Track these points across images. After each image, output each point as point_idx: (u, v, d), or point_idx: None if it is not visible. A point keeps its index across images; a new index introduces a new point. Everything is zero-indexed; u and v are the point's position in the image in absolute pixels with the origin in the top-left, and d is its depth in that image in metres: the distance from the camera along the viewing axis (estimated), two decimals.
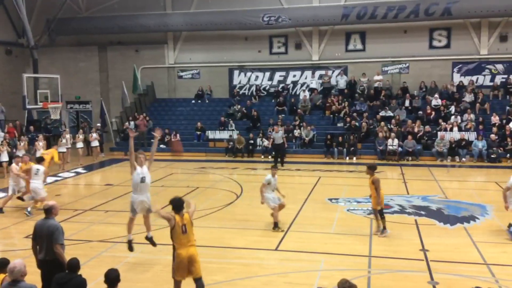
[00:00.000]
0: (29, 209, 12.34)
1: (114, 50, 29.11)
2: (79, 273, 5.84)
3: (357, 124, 22.82)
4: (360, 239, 10.16)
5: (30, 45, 26.02)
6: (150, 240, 9.17)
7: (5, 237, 10.78)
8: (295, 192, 15.27)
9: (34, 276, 6.49)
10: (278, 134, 20.71)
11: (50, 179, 17.57)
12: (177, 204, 7.09)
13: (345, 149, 21.75)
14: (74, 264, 5.84)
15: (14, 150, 19.72)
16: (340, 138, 21.98)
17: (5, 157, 18.33)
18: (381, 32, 25.66)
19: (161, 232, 10.84)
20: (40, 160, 13.19)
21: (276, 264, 8.82)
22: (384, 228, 10.33)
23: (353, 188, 15.44)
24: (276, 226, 10.82)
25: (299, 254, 9.36)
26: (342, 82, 25.87)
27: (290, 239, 10.26)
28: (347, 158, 21.66)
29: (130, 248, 8.99)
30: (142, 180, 8.83)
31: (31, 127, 23.09)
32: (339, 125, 23.78)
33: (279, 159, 19.87)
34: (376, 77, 25.26)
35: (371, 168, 10.53)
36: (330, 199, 13.83)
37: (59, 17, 26.31)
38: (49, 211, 6.79)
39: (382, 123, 22.46)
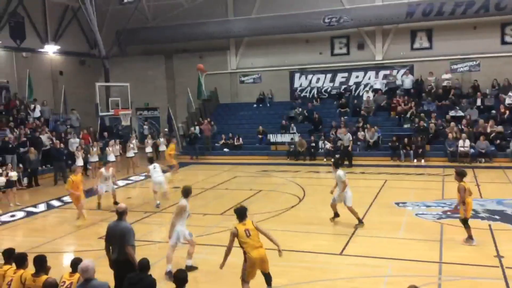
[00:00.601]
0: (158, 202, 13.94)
1: (180, 58, 30.09)
2: (149, 273, 6.07)
3: (425, 124, 22.00)
4: (430, 245, 9.78)
5: (102, 55, 27.51)
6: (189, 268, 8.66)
7: (82, 238, 11.44)
8: (360, 196, 14.96)
9: (107, 275, 6.84)
10: (346, 137, 20.45)
11: (121, 183, 18.50)
12: (240, 213, 7.52)
13: (412, 151, 21.03)
14: (145, 264, 6.06)
15: (88, 156, 20.95)
16: (406, 140, 21.30)
17: (80, 162, 19.46)
18: (449, 29, 24.59)
19: (228, 233, 11.05)
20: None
21: (341, 269, 8.69)
22: (469, 237, 9.73)
23: (422, 192, 14.90)
24: (360, 221, 11.15)
25: (365, 259, 9.16)
26: (408, 82, 25.06)
27: (355, 243, 10.08)
28: (415, 160, 20.91)
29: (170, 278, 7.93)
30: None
31: (105, 133, 24.28)
32: (405, 126, 23.04)
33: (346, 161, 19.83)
34: (445, 76, 24.23)
35: (458, 174, 9.93)
36: (397, 203, 13.42)
37: (127, 28, 27.60)
38: (122, 214, 7.09)
39: (452, 124, 21.48)
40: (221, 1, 28.38)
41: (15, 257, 6.33)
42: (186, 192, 8.70)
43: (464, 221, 9.77)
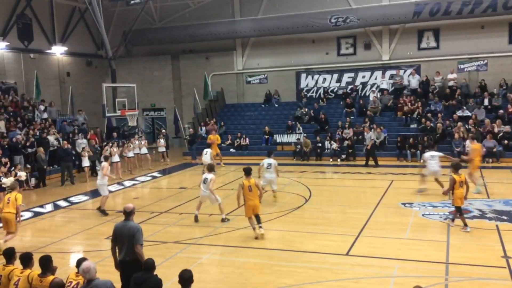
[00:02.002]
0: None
1: (186, 59, 30.16)
2: (155, 273, 6.09)
3: (432, 125, 21.89)
4: (436, 245, 9.74)
5: (109, 56, 27.65)
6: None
7: (88, 238, 11.50)
8: (366, 196, 14.98)
9: (114, 275, 6.87)
10: (368, 136, 20.70)
11: (128, 183, 18.59)
12: (247, 171, 10.87)
13: (419, 151, 20.93)
14: (150, 264, 6.09)
15: (99, 155, 21.04)
16: (411, 140, 21.20)
17: (86, 163, 19.57)
18: (456, 29, 24.47)
19: (233, 233, 11.08)
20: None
21: (347, 269, 8.67)
22: (465, 224, 10.61)
23: (429, 192, 14.82)
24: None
25: (371, 259, 9.14)
26: (414, 82, 24.95)
27: (361, 244, 10.05)
28: (421, 160, 20.77)
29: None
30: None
31: (114, 134, 24.37)
32: (412, 126, 22.95)
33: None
34: (451, 75, 24.10)
35: (453, 166, 11.14)
36: (404, 204, 13.37)
37: (134, 28, 27.71)
38: (130, 213, 7.11)
39: (459, 124, 21.36)
40: (228, 2, 28.41)
41: (21, 257, 6.35)
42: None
43: (457, 209, 10.69)
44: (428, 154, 14.83)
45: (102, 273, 5.89)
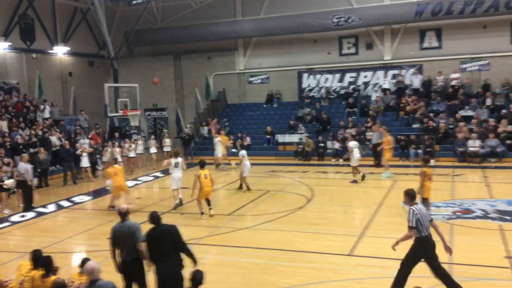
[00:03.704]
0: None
1: (188, 59, 30.16)
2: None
3: (434, 124, 21.85)
4: (439, 245, 9.65)
5: (111, 56, 27.67)
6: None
7: (91, 238, 11.51)
8: (368, 196, 14.95)
9: (114, 276, 6.86)
10: (375, 134, 20.60)
11: (130, 183, 18.58)
12: (201, 164, 12.86)
13: (421, 151, 20.89)
14: (156, 217, 6.84)
15: (98, 156, 21.07)
16: (413, 137, 21.16)
17: (86, 163, 19.55)
18: (458, 28, 24.42)
19: (236, 234, 11.08)
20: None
21: (350, 270, 8.66)
22: None
23: (432, 192, 14.74)
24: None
25: (373, 260, 9.12)
26: (416, 81, 24.92)
27: (364, 244, 10.03)
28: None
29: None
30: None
31: (116, 134, 24.39)
32: (414, 126, 22.90)
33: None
34: (453, 75, 24.06)
35: (424, 160, 12.36)
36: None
37: (136, 29, 27.72)
38: (126, 214, 7.08)
39: (462, 123, 21.32)
40: (229, 2, 28.40)
41: (32, 257, 6.30)
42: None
43: (423, 200, 11.07)
44: (352, 143, 17.25)
45: (104, 273, 5.89)
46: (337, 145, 22.30)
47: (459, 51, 24.48)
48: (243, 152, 16.34)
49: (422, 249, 7.13)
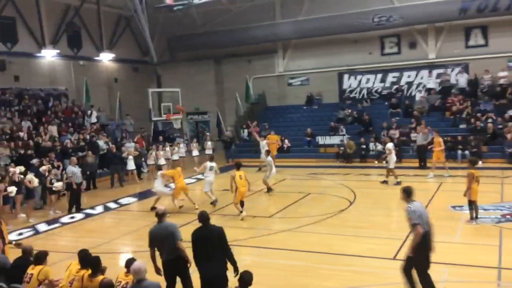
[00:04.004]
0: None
1: (228, 63, 30.48)
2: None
3: (481, 125, 21.08)
4: (488, 249, 9.37)
5: (154, 62, 28.35)
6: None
7: (136, 239, 11.82)
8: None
9: (156, 276, 7.02)
10: (420, 136, 20.21)
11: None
12: (237, 165, 13.47)
13: (468, 153, 20.19)
14: (205, 216, 6.86)
15: (143, 159, 21.62)
16: (459, 138, 20.48)
17: (131, 166, 20.13)
18: (506, 25, 23.44)
19: (275, 236, 11.10)
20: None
21: (393, 274, 8.45)
22: (471, 218, 11.29)
23: (479, 195, 14.23)
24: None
25: None
26: (462, 81, 24.14)
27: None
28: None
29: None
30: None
31: (160, 137, 24.96)
32: (461, 126, 22.17)
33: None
34: (501, 73, 23.13)
35: (470, 162, 11.90)
36: (454, 207, 12.92)
37: (178, 34, 28.27)
38: (163, 215, 7.18)
39: (511, 124, 20.46)
40: (269, 5, 28.51)
41: (80, 257, 6.55)
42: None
43: (469, 203, 11.18)
44: (391, 145, 17.18)
45: (149, 273, 6.03)
46: (379, 147, 21.91)
47: (506, 49, 23.50)
48: (270, 159, 16.45)
49: (428, 244, 6.97)
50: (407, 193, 7.28)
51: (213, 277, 6.58)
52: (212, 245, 6.63)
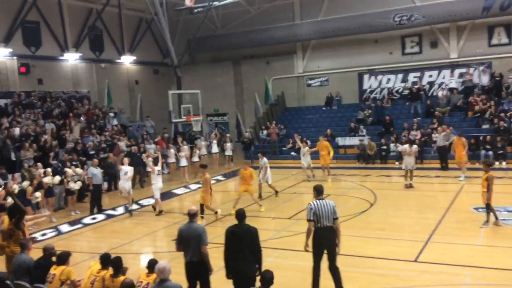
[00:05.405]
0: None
1: (247, 64, 30.55)
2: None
3: (505, 125, 20.64)
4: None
5: (174, 64, 28.59)
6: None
7: (157, 240, 11.94)
8: (436, 201, 14.39)
9: (181, 276, 7.07)
10: (440, 136, 19.87)
11: (194, 186, 19.09)
12: (202, 166, 14.44)
13: (492, 153, 19.79)
14: (242, 213, 6.99)
15: (163, 160, 21.75)
16: (487, 138, 20.09)
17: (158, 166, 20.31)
18: None
19: (296, 237, 11.06)
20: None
21: (416, 276, 8.38)
22: (487, 221, 11.02)
23: (503, 196, 13.96)
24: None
25: (441, 266, 8.76)
26: (485, 80, 23.68)
27: (431, 250, 9.67)
28: (496, 163, 19.63)
29: None
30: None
31: (180, 139, 25.08)
32: (484, 126, 21.75)
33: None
34: None
35: (487, 165, 11.47)
36: (476, 208, 12.67)
37: (197, 36, 28.47)
38: (194, 215, 7.28)
39: None
40: (288, 6, 28.49)
41: (101, 259, 6.66)
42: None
43: (487, 206, 10.91)
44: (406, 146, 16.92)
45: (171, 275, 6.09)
46: (400, 148, 21.60)
47: None
48: (265, 161, 15.91)
49: (321, 239, 7.44)
50: (317, 191, 7.98)
51: (243, 274, 6.76)
52: (245, 244, 6.80)
